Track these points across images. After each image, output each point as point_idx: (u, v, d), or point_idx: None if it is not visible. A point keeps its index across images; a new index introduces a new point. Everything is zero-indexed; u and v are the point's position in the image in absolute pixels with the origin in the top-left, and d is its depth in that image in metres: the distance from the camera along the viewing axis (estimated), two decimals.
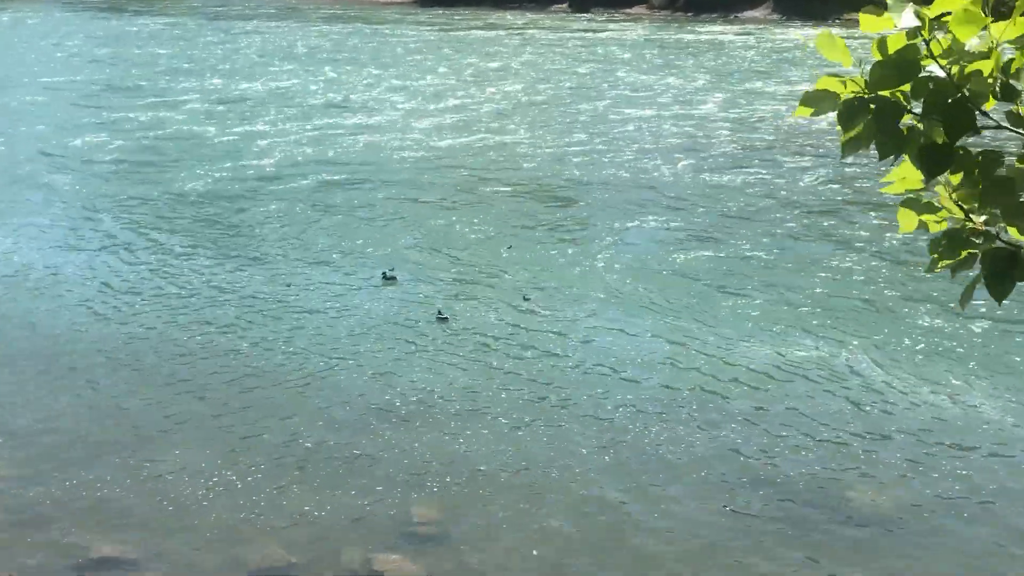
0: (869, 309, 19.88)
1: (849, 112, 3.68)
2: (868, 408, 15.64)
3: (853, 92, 3.66)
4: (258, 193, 29.04)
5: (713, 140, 35.20)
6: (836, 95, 3.67)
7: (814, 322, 19.19)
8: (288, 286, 21.33)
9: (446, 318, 19.27)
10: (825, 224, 25.62)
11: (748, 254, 23.32)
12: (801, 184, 29.54)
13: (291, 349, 18.06)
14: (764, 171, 30.98)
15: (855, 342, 18.20)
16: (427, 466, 14.07)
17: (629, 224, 25.79)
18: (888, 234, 24.40)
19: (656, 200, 27.99)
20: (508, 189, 29.47)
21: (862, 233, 24.75)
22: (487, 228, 25.61)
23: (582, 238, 24.72)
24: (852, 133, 3.69)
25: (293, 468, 14.01)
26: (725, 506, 12.94)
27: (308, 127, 37.73)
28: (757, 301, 20.32)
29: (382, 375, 16.99)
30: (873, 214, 26.20)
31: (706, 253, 23.47)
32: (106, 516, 12.78)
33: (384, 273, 21.75)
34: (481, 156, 33.41)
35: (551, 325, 19.18)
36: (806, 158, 32.63)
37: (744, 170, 31.10)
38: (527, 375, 16.97)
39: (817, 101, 3.75)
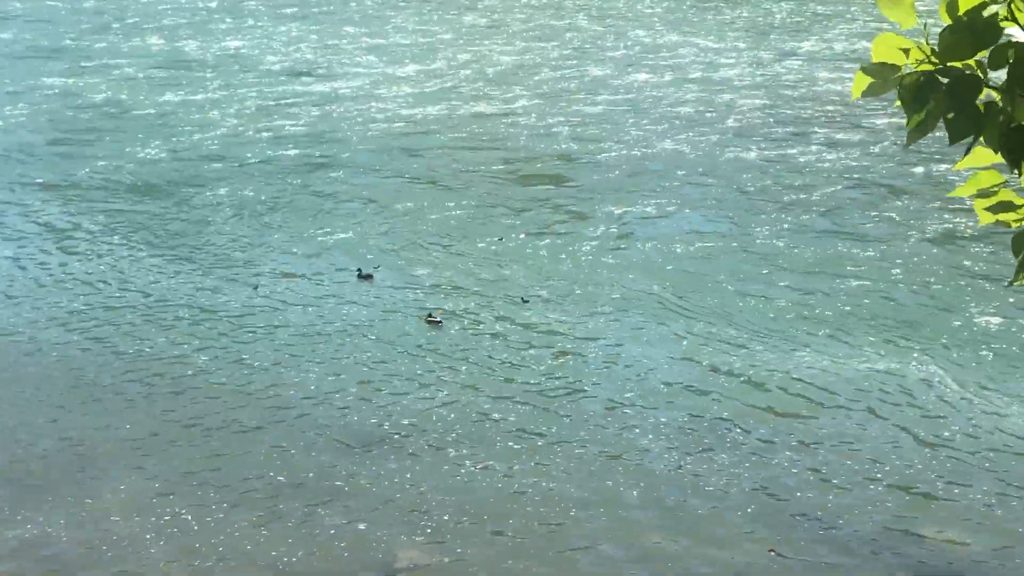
0: (925, 310, 19.92)
1: (915, 92, 3.55)
2: (939, 430, 15.55)
3: (917, 62, 3.55)
4: (204, 175, 28.88)
5: (737, 110, 35.17)
6: (897, 69, 3.57)
7: (864, 328, 19.14)
8: (247, 288, 21.21)
9: (439, 322, 19.27)
10: (869, 210, 25.62)
11: (778, 246, 23.28)
12: (839, 162, 29.57)
13: (256, 363, 17.90)
14: (796, 146, 31.04)
15: (914, 351, 18.19)
16: (416, 502, 13.90)
17: (640, 210, 25.78)
18: (943, 219, 24.36)
19: (670, 182, 27.99)
20: (497, 169, 29.48)
21: (912, 220, 24.74)
22: (473, 215, 25.62)
23: (585, 227, 24.74)
24: (920, 117, 3.57)
25: (258, 504, 13.81)
26: (780, 553, 12.74)
27: (261, 96, 37.58)
28: (792, 303, 20.29)
29: (364, 395, 16.83)
30: (926, 197, 26.21)
31: (731, 245, 23.47)
32: (35, 562, 12.41)
33: (359, 271, 21.72)
34: (465, 130, 33.38)
35: (556, 334, 19.15)
36: (845, 130, 32.67)
37: (773, 146, 31.14)
38: (533, 395, 16.87)
39: (877, 75, 3.64)
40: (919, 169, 28.45)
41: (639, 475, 14.44)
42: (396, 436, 15.54)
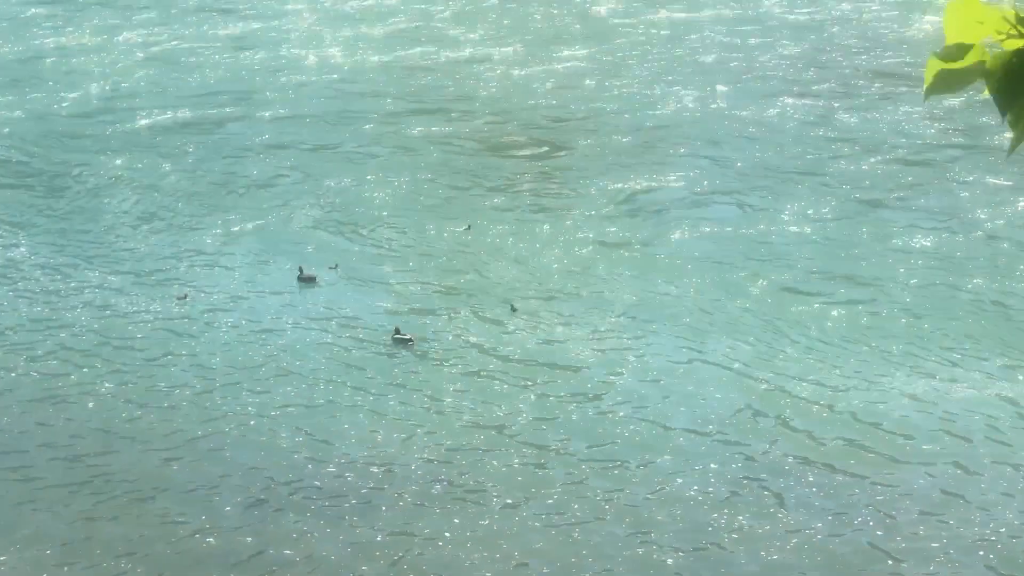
0: (1001, 315, 19.13)
1: (1011, 75, 3.35)
2: None
3: (1001, 35, 3.37)
4: (84, 144, 27.71)
5: (766, 57, 34.04)
6: (980, 52, 3.39)
7: (947, 341, 18.28)
8: (156, 297, 20.19)
9: (409, 339, 18.35)
10: (924, 183, 24.82)
11: (823, 233, 22.45)
12: (889, 123, 28.49)
13: (178, 393, 16.96)
14: (836, 104, 29.99)
15: (996, 368, 17.28)
16: (387, 570, 13.36)
17: (647, 186, 24.90)
18: (1012, 199, 23.69)
19: (683, 149, 27.07)
20: (461, 133, 28.48)
21: (978, 193, 23.80)
22: (435, 191, 24.71)
23: (578, 209, 23.79)
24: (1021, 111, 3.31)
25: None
26: None
27: (154, 39, 36.07)
28: (850, 310, 19.44)
29: (316, 435, 15.92)
30: (991, 168, 25.14)
31: (755, 228, 22.62)
32: None
33: (300, 272, 20.66)
34: (420, 83, 32.34)
35: (555, 351, 18.23)
36: (898, 84, 31.45)
37: (809, 103, 30.17)
38: (529, 444, 15.88)
39: (955, 56, 3.45)
40: (987, 138, 27.19)
41: (679, 546, 13.78)
42: (360, 489, 14.76)
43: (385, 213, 23.53)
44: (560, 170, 26.05)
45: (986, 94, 3.52)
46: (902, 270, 20.84)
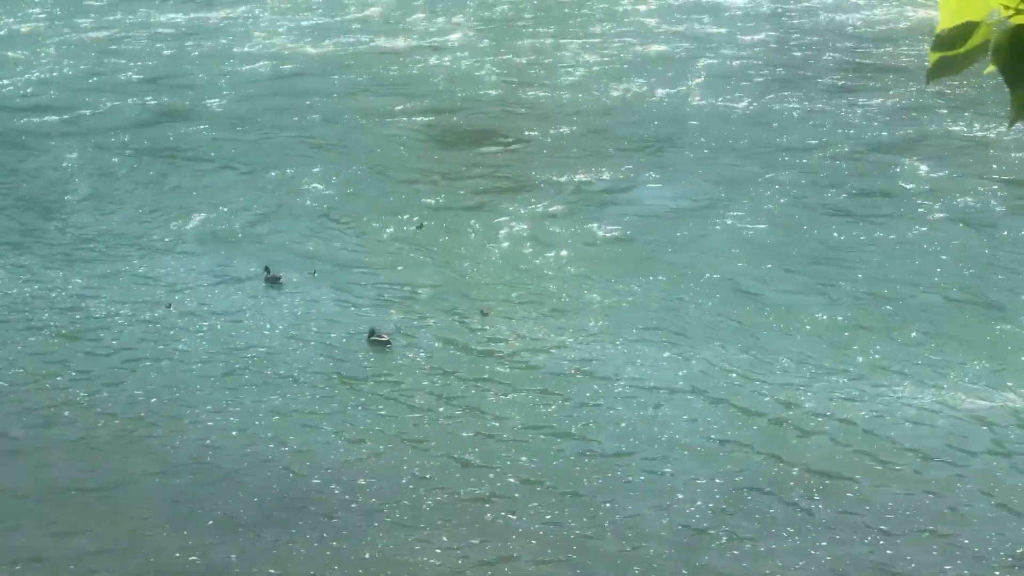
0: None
1: (1018, 53, 3.32)
2: None
3: (1009, 11, 3.33)
4: (18, 138, 27.11)
5: (725, 47, 33.57)
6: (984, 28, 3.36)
7: (954, 348, 17.72)
8: (111, 302, 19.58)
9: (386, 342, 17.99)
10: (919, 173, 24.32)
11: (810, 232, 21.97)
12: (875, 115, 28.06)
13: (149, 401, 16.46)
14: (792, 94, 29.60)
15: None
16: None
17: (611, 179, 24.56)
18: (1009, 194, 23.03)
19: (648, 139, 26.71)
20: (412, 122, 28.13)
21: (990, 202, 22.95)
22: (382, 186, 24.30)
23: (534, 202, 23.41)
24: None
25: None
26: None
27: (96, 25, 35.74)
28: (846, 314, 18.89)
29: (297, 451, 15.36)
30: (985, 156, 24.75)
31: (740, 228, 22.06)
32: None
33: (267, 271, 20.19)
34: (369, 70, 31.94)
35: (532, 354, 17.80)
36: (887, 74, 31.14)
37: (789, 92, 29.75)
38: (512, 454, 15.37)
39: (958, 41, 3.43)
40: (990, 132, 26.38)
41: (673, 554, 13.38)
42: (341, 504, 14.28)
43: (341, 206, 23.12)
44: (512, 161, 25.71)
45: (990, 69, 3.49)
46: (899, 273, 20.16)
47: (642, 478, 14.80)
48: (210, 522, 13.79)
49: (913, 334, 18.12)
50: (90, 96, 29.51)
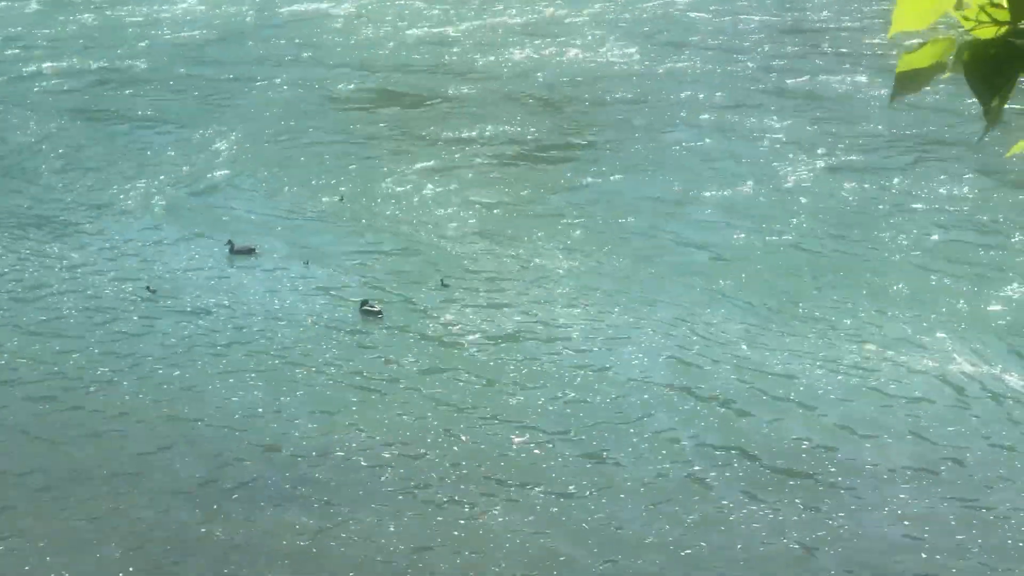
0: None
1: (989, 67, 3.27)
2: None
3: (970, 22, 3.30)
4: None
5: (662, 10, 33.30)
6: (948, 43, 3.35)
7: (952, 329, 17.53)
8: (81, 263, 19.49)
9: (378, 312, 17.88)
10: (919, 160, 23.83)
11: (797, 195, 21.84)
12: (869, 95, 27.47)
13: (129, 377, 16.26)
14: (743, 52, 29.02)
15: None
16: (355, 561, 12.81)
17: (517, 135, 24.20)
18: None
19: (580, 97, 26.21)
20: (328, 84, 27.86)
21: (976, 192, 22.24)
22: (298, 148, 24.24)
23: (457, 163, 23.30)
24: (1001, 98, 3.28)
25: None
26: None
27: None
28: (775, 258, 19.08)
29: (282, 422, 15.27)
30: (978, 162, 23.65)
31: (658, 187, 22.07)
32: None
33: (230, 244, 20.01)
34: (285, 36, 31.40)
35: (498, 324, 17.82)
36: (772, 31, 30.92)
37: (722, 50, 29.13)
38: (518, 412, 15.45)
39: (924, 55, 3.41)
40: (963, 127, 25.39)
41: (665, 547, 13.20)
42: (333, 479, 14.24)
43: (260, 168, 23.15)
44: (436, 119, 25.58)
45: (946, 75, 3.46)
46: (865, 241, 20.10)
47: (631, 445, 14.78)
48: (197, 498, 13.64)
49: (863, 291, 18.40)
50: (21, 62, 29.31)
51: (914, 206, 21.56)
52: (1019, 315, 17.75)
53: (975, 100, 3.28)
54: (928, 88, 3.38)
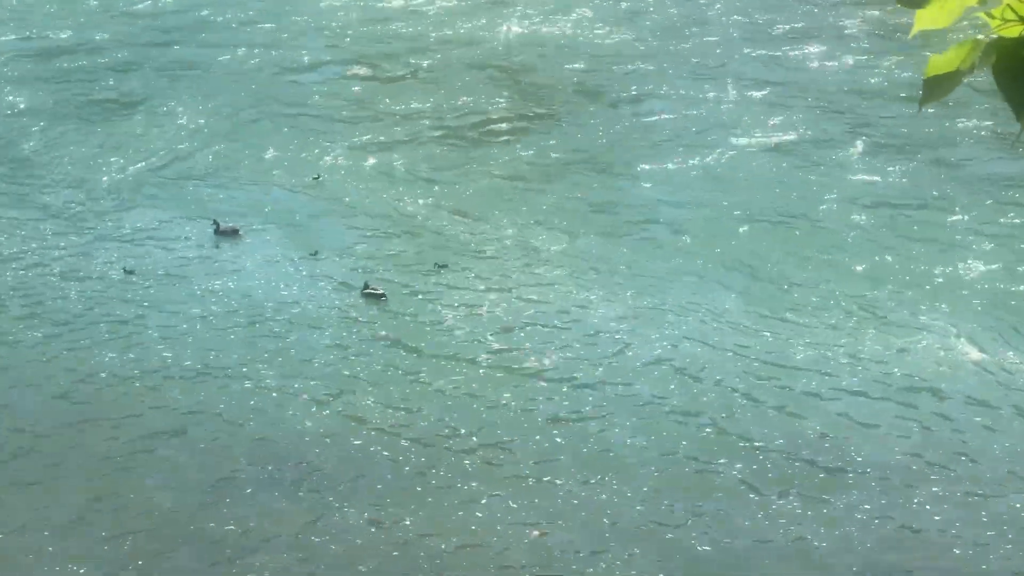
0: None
1: (1019, 68, 3.23)
2: None
3: (1006, 22, 3.27)
4: None
5: None
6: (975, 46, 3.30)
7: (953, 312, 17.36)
8: (62, 244, 19.31)
9: (381, 294, 17.74)
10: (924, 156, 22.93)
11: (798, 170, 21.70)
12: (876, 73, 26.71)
13: (126, 363, 16.09)
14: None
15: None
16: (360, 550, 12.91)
17: (480, 109, 23.98)
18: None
19: (547, 71, 25.99)
20: (283, 60, 27.49)
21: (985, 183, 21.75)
22: (264, 123, 23.94)
23: (442, 142, 23.13)
24: None
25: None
26: None
27: None
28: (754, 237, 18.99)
29: (285, 407, 15.19)
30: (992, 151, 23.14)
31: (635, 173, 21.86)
32: None
33: (216, 225, 19.72)
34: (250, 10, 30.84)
35: (496, 307, 17.79)
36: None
37: (699, 28, 28.70)
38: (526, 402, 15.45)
39: (952, 58, 3.40)
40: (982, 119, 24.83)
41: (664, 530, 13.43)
42: (337, 468, 14.20)
43: (221, 154, 22.69)
44: (404, 96, 25.27)
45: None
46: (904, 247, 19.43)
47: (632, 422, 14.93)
48: (190, 484, 13.70)
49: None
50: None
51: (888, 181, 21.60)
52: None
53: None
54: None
